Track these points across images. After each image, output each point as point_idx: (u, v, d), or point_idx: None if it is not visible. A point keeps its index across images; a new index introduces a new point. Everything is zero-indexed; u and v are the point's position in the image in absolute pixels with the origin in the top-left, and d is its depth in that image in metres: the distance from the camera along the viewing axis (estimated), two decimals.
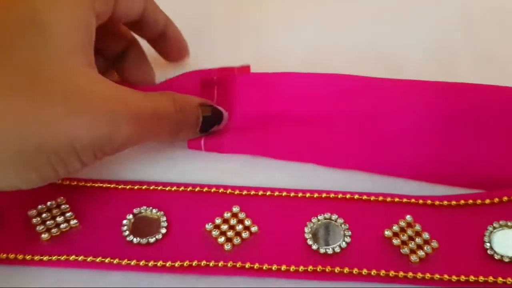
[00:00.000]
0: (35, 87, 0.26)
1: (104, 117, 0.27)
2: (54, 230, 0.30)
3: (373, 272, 0.29)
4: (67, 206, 0.31)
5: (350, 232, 0.30)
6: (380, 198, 0.32)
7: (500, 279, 0.28)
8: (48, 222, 0.31)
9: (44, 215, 0.31)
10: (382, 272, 0.29)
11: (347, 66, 0.38)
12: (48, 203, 0.32)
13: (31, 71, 0.26)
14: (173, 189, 0.33)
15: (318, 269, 0.29)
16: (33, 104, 0.25)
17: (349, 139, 0.34)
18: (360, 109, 0.35)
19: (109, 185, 0.33)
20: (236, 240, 0.30)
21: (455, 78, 0.35)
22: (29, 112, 0.25)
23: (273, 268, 0.29)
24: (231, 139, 0.35)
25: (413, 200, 0.32)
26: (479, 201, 0.31)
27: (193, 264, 0.29)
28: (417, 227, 0.31)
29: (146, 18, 0.35)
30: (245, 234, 0.30)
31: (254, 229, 0.31)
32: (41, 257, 0.29)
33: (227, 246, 0.30)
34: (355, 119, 0.35)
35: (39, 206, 0.31)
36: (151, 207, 0.32)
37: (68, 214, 0.31)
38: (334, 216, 0.31)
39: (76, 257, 0.29)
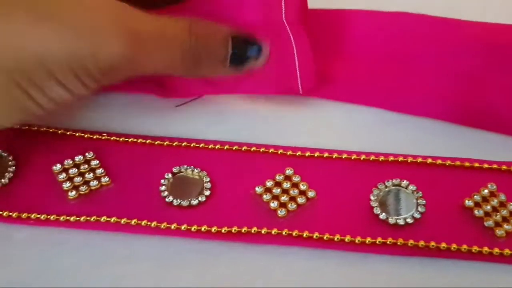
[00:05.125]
0: None
1: (83, 26, 0.22)
2: (82, 188, 0.27)
3: (453, 246, 0.25)
4: (97, 162, 0.28)
5: (424, 201, 0.26)
6: (457, 163, 0.28)
7: None
8: (75, 179, 0.27)
9: (71, 171, 0.27)
10: (464, 247, 0.25)
11: None
12: (76, 158, 0.28)
13: None
14: (216, 147, 0.29)
15: (388, 242, 0.25)
16: None
17: (425, 82, 0.30)
18: (437, 49, 0.31)
19: (144, 141, 0.29)
20: (291, 206, 0.26)
21: None
22: None
23: (336, 238, 0.25)
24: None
25: (495, 166, 0.28)
26: None
27: (243, 230, 0.25)
28: (502, 196, 0.26)
29: None
30: (301, 199, 0.26)
31: (311, 194, 0.27)
32: (68, 218, 0.26)
33: (281, 212, 0.26)
34: (431, 60, 0.31)
35: (66, 162, 0.27)
36: (192, 166, 0.28)
37: (98, 171, 0.27)
38: (404, 182, 0.27)
39: (108, 218, 0.25)
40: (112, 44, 0.22)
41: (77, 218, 0.25)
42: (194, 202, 0.26)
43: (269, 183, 0.27)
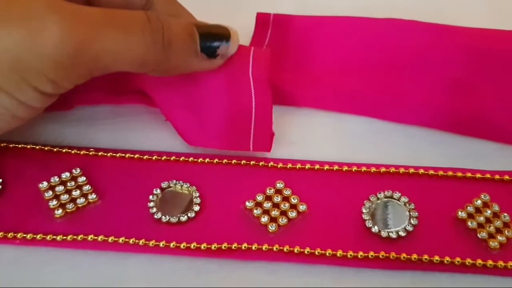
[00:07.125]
0: None
1: (14, 17, 0.20)
2: (69, 206, 0.26)
3: (446, 259, 0.24)
4: (84, 178, 0.27)
5: (416, 213, 0.26)
6: (450, 173, 0.27)
7: None
8: (62, 197, 0.26)
9: (57, 188, 0.27)
10: (457, 260, 0.24)
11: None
12: (62, 175, 0.27)
13: None
14: (205, 161, 0.28)
15: (380, 256, 0.25)
16: None
17: (415, 90, 0.30)
18: (428, 56, 0.31)
19: (132, 156, 0.28)
20: (282, 220, 0.26)
21: None
22: None
23: (327, 253, 0.25)
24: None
25: (487, 176, 0.27)
26: None
27: (233, 246, 0.25)
28: (495, 207, 0.26)
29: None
30: (292, 214, 0.26)
31: (302, 208, 0.26)
32: (54, 237, 0.25)
33: (272, 227, 0.25)
34: (421, 67, 0.31)
35: (52, 179, 0.27)
36: (181, 181, 0.27)
37: (85, 188, 0.27)
38: (396, 194, 0.26)
39: (95, 237, 0.25)
40: (54, 26, 0.20)
41: (64, 237, 0.25)
42: (183, 218, 0.26)
43: (259, 197, 0.27)
